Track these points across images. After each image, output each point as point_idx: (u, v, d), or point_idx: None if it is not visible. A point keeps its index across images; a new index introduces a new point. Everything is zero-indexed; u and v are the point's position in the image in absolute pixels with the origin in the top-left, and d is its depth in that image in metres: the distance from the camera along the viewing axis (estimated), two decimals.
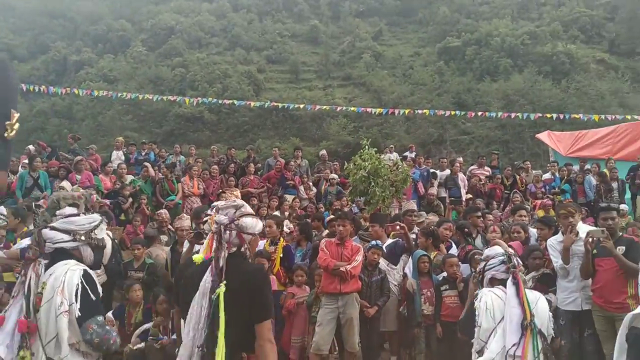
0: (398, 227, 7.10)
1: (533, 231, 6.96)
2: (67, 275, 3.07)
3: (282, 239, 6.99)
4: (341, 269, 6.03)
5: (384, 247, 7.02)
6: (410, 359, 6.92)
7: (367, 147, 9.95)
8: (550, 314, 3.79)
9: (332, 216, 8.16)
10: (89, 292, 3.10)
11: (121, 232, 9.75)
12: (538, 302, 3.67)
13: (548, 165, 14.32)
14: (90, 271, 3.22)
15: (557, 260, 5.82)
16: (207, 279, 2.93)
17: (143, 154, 13.47)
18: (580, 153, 15.11)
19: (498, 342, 3.48)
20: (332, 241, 6.70)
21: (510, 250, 4.07)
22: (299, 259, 7.39)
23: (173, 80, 33.40)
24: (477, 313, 3.62)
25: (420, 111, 18.86)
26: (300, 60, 36.88)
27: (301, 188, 12.01)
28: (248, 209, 3.19)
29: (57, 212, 3.32)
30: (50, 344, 2.97)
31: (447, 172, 12.32)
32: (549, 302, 5.99)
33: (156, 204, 10.87)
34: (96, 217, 3.44)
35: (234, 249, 3.05)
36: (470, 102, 28.71)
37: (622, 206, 10.74)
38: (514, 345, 3.44)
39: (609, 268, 5.39)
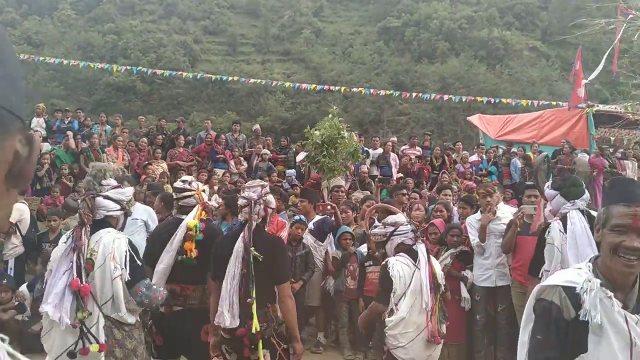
0: (329, 207, 7.15)
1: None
2: (116, 243, 3.45)
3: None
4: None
5: (311, 223, 7.01)
6: (333, 333, 6.99)
7: (333, 115, 9.79)
8: (442, 272, 4.44)
9: None
10: (135, 258, 3.50)
11: (38, 203, 9.31)
12: (435, 262, 4.31)
13: (475, 147, 14.70)
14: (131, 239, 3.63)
15: (474, 238, 5.98)
16: (239, 245, 3.64)
17: (66, 122, 12.80)
18: (508, 136, 15.59)
19: (407, 302, 3.99)
20: None
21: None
22: None
23: (104, 48, 31.83)
24: (393, 281, 3.99)
25: (355, 89, 18.88)
26: (239, 33, 35.98)
27: (232, 162, 11.77)
28: (268, 188, 3.94)
29: (104, 182, 3.62)
30: (107, 304, 3.38)
31: (380, 150, 12.40)
32: (466, 278, 6.21)
33: (79, 173, 10.36)
34: (131, 188, 3.80)
35: (260, 220, 3.77)
36: (408, 84, 29.04)
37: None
38: (425, 303, 4.01)
39: (530, 246, 5.54)
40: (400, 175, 11.86)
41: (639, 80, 3.73)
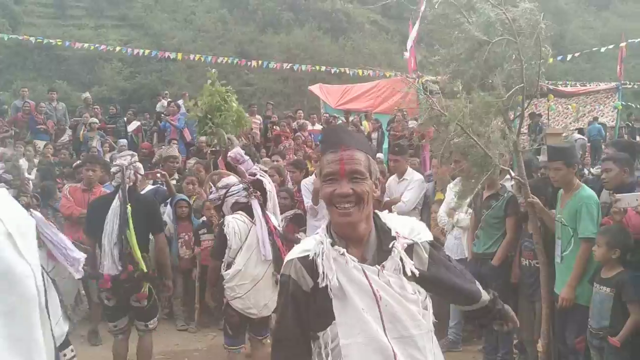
0: (159, 174, 6.99)
1: None
2: None
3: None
4: None
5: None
6: (167, 305, 6.78)
7: (213, 80, 9.20)
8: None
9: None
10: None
11: None
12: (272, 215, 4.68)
13: (311, 116, 15.03)
14: None
15: (308, 201, 6.08)
16: (115, 204, 4.41)
17: None
18: (347, 106, 16.11)
19: (244, 256, 4.28)
20: (78, 187, 6.33)
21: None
22: None
23: None
24: (228, 237, 4.25)
25: (193, 56, 18.24)
26: None
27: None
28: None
29: None
30: None
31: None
32: (299, 240, 6.32)
33: None
34: None
35: (131, 183, 4.52)
36: (254, 53, 28.75)
37: (378, 155, 11.70)
38: (264, 256, 4.32)
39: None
40: (242, 142, 11.75)
41: (437, 48, 3.99)
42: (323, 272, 1.74)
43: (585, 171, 8.99)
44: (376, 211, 1.91)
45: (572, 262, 4.20)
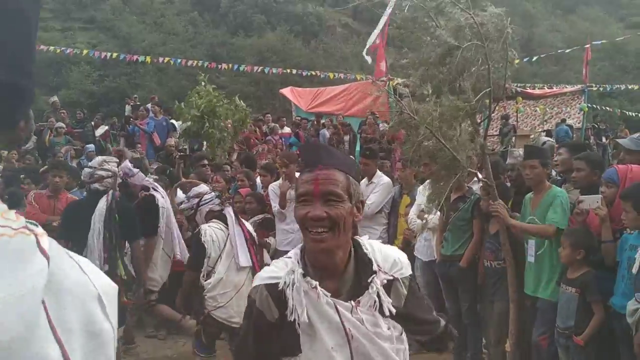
0: None
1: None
2: None
3: None
4: (54, 224, 5.50)
5: None
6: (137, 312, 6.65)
7: (204, 83, 9.23)
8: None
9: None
10: None
11: None
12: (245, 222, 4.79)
13: (280, 119, 14.99)
14: None
15: (275, 205, 6.05)
16: (102, 206, 4.38)
17: None
18: (319, 109, 16.13)
19: (224, 264, 4.28)
20: (43, 193, 6.22)
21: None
22: None
23: None
24: (206, 247, 4.25)
25: (162, 59, 18.06)
26: None
27: None
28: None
29: None
30: None
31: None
32: (269, 245, 6.29)
33: None
34: None
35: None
36: (225, 56, 28.55)
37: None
38: (238, 263, 4.32)
39: None
40: None
41: (405, 51, 4.00)
42: (292, 306, 1.62)
43: (553, 172, 9.14)
44: (357, 237, 1.78)
45: (545, 261, 4.27)
